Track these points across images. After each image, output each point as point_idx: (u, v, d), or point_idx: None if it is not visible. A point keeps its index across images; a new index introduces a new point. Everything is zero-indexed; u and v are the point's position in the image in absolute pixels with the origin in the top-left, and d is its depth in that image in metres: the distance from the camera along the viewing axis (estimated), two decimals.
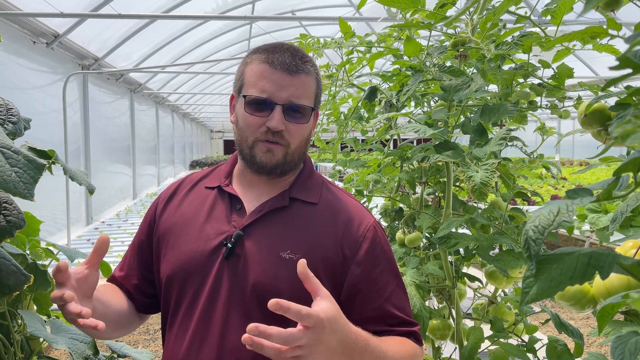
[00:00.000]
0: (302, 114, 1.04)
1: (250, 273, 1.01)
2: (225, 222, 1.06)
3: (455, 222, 1.38)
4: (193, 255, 1.05)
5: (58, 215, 6.00)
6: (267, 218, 1.06)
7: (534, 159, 1.77)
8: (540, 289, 0.48)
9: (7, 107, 1.29)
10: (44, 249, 1.36)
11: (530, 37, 1.34)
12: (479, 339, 1.39)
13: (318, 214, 1.08)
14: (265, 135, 1.02)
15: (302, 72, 1.03)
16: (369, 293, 1.05)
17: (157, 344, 4.00)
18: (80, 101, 7.34)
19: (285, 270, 1.01)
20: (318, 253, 1.03)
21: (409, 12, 1.67)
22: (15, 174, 1.05)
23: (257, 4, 8.52)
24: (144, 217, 1.20)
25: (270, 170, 1.05)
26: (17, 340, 1.19)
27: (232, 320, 1.00)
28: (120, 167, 9.82)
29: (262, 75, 1.02)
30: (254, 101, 1.02)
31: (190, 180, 1.19)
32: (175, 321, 1.06)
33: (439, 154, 1.23)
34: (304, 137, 1.07)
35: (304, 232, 1.05)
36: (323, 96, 1.11)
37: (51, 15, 5.00)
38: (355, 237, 1.06)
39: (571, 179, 10.11)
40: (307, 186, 1.12)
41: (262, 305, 0.98)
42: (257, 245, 1.03)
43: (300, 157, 1.09)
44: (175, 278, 1.05)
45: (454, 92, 1.38)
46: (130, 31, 7.16)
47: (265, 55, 1.04)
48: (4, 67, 5.07)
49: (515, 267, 1.33)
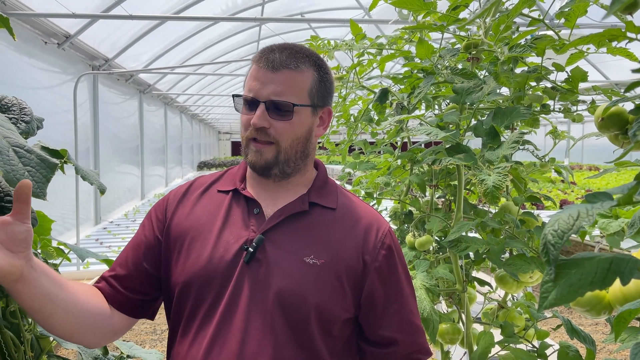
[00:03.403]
0: (285, 110, 1.02)
1: (273, 278, 0.99)
2: (244, 227, 1.04)
3: (466, 226, 1.37)
4: (212, 260, 1.02)
5: (67, 214, 6.03)
6: (287, 222, 1.04)
7: (546, 162, 1.76)
8: (559, 294, 0.48)
9: (20, 107, 1.29)
10: (55, 248, 1.37)
11: (544, 40, 1.33)
12: (490, 343, 1.38)
13: (337, 220, 1.07)
14: (253, 133, 1.02)
15: (286, 68, 1.01)
16: (388, 299, 1.06)
17: (163, 344, 4.01)
18: (90, 101, 7.39)
19: (309, 275, 1.00)
20: (341, 260, 1.03)
21: (420, 14, 1.67)
22: (28, 173, 1.05)
23: (266, 6, 8.54)
24: (146, 219, 1.15)
25: (262, 171, 1.04)
26: (27, 339, 1.19)
27: (252, 326, 0.98)
28: (129, 168, 9.87)
29: (252, 75, 1.03)
30: (242, 101, 1.04)
31: (200, 183, 1.16)
32: (191, 328, 1.03)
33: (451, 157, 1.22)
34: (296, 134, 1.04)
35: (325, 237, 1.04)
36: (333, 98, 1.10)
37: (63, 16, 5.04)
38: (374, 244, 1.06)
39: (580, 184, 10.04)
40: (324, 191, 1.11)
41: (286, 310, 0.98)
42: (279, 250, 1.01)
43: (300, 157, 1.06)
44: (193, 284, 1.02)
45: (466, 95, 1.37)
46: (140, 32, 7.20)
47: (258, 55, 1.05)
48: (15, 67, 5.11)
49: (526, 272, 1.32)
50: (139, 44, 7.50)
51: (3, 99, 1.27)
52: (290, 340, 0.98)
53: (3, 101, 1.27)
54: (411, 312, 1.09)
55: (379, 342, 1.07)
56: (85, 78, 6.89)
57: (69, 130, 5.67)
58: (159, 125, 12.53)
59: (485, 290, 1.72)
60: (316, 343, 1.00)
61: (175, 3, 6.97)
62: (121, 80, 8.88)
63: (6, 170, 1.00)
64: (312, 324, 0.99)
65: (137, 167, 10.41)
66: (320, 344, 1.00)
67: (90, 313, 1.01)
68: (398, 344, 1.06)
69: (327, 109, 1.11)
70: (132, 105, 9.95)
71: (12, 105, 1.28)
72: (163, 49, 8.47)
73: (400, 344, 1.07)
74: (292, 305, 0.98)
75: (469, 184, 1.82)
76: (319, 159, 1.17)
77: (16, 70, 5.13)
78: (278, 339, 0.97)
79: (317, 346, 1.00)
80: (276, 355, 0.97)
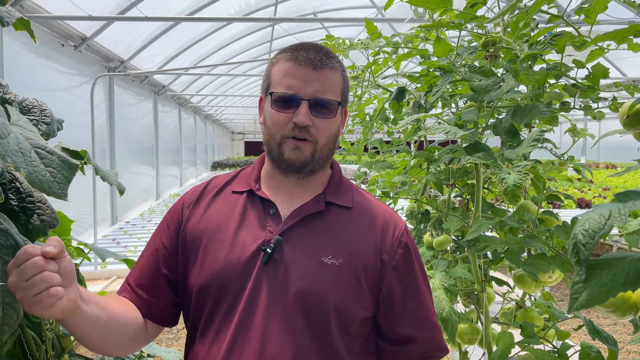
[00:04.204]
0: (328, 108, 1.03)
1: (292, 278, 0.99)
2: (260, 228, 1.04)
3: (485, 225, 1.35)
4: (230, 262, 1.02)
5: (84, 215, 6.10)
6: (304, 223, 1.04)
7: (564, 161, 1.74)
8: (590, 295, 0.47)
9: (41, 108, 1.31)
10: (76, 248, 1.38)
11: (564, 37, 1.31)
12: (510, 344, 1.36)
13: (354, 219, 1.07)
14: (292, 132, 1.01)
15: (327, 67, 1.03)
16: (405, 296, 1.06)
17: (180, 343, 4.04)
18: (106, 103, 7.46)
19: (328, 276, 1.00)
20: (359, 259, 1.03)
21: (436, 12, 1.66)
22: (50, 174, 1.06)
23: (279, 6, 8.55)
24: (163, 221, 1.15)
25: (298, 168, 1.04)
26: (48, 338, 1.20)
27: (272, 327, 0.98)
28: (144, 168, 9.95)
29: (288, 72, 1.02)
30: (280, 98, 1.02)
31: (215, 184, 1.16)
32: (210, 329, 1.03)
33: (470, 156, 1.21)
34: (331, 133, 1.05)
35: (342, 237, 1.04)
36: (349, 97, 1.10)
37: (80, 18, 5.09)
38: (391, 242, 1.06)
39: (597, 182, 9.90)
40: (340, 190, 1.11)
41: (305, 310, 0.98)
42: (297, 250, 1.02)
43: (328, 155, 1.08)
44: (211, 286, 1.02)
45: (485, 93, 1.36)
46: (154, 33, 7.25)
47: (290, 53, 1.04)
48: (33, 69, 5.18)
49: (547, 271, 1.30)
50: (154, 46, 7.56)
51: (24, 101, 1.29)
52: (310, 341, 0.98)
53: (24, 103, 1.28)
54: (428, 309, 1.10)
55: (397, 339, 1.07)
56: (101, 80, 6.96)
57: (86, 132, 5.73)
58: (173, 126, 12.62)
59: (504, 290, 1.70)
60: (335, 342, 1.00)
61: (190, 4, 7.01)
62: (136, 81, 8.95)
63: (28, 171, 1.01)
64: (332, 324, 0.99)
65: (152, 167, 10.49)
66: (340, 343, 1.00)
67: (129, 327, 1.04)
68: (416, 341, 1.07)
69: (345, 109, 1.12)
70: (147, 106, 10.03)
71: (32, 107, 1.30)
72: (177, 50, 8.53)
73: (418, 341, 1.07)
74: (313, 306, 0.99)
75: (486, 182, 1.81)
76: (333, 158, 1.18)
77: (34, 73, 5.20)
78: (298, 339, 0.98)
79: (336, 345, 1.00)
80: (296, 355, 0.97)
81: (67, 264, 0.82)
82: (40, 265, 0.77)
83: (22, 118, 1.16)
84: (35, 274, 0.76)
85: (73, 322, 0.88)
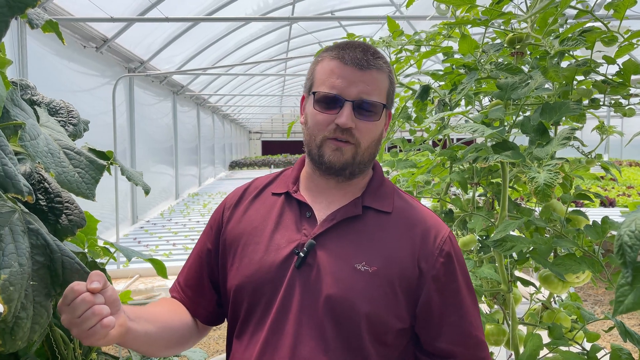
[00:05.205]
0: (373, 111, 0.99)
1: (323, 284, 0.97)
2: (295, 231, 1.03)
3: (512, 225, 1.33)
4: (264, 264, 1.01)
5: (105, 214, 6.18)
6: (339, 227, 1.01)
7: (592, 159, 1.70)
8: (637, 298, 0.45)
9: (67, 110, 1.32)
10: (102, 248, 1.39)
11: (593, 33, 1.29)
12: (538, 346, 1.34)
13: (392, 224, 1.02)
14: (334, 133, 0.98)
15: (374, 67, 0.99)
16: (446, 309, 1.00)
17: (203, 343, 4.06)
18: (127, 103, 7.55)
19: (360, 283, 0.96)
20: (395, 266, 0.98)
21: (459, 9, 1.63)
22: (78, 175, 1.07)
23: (297, 5, 8.56)
24: (208, 222, 1.17)
25: (338, 171, 1.01)
26: None
27: (303, 332, 0.96)
28: (164, 168, 10.05)
29: (332, 71, 0.99)
30: (323, 98, 0.99)
31: (256, 185, 1.15)
32: (246, 331, 1.03)
33: (498, 155, 1.19)
34: (374, 136, 1.02)
35: (379, 243, 1.00)
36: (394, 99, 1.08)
37: (102, 20, 5.16)
38: (431, 250, 1.00)
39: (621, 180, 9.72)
40: (379, 194, 1.06)
41: (336, 318, 0.95)
42: (331, 255, 0.99)
43: (370, 159, 1.04)
44: (246, 288, 1.02)
45: (511, 90, 1.34)
46: (173, 34, 7.31)
47: (336, 52, 1.00)
48: (57, 71, 5.27)
49: (577, 272, 1.27)
50: (173, 46, 7.63)
51: (51, 102, 1.30)
52: (342, 349, 0.95)
53: (52, 104, 1.30)
54: (472, 324, 1.02)
55: (436, 354, 1.01)
56: (121, 80, 7.04)
57: (107, 132, 5.81)
58: (192, 126, 12.71)
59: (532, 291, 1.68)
60: (369, 352, 0.96)
61: (208, 4, 7.05)
62: (155, 81, 9.04)
63: (58, 172, 1.02)
64: (363, 333, 0.95)
65: (172, 167, 10.58)
66: (373, 353, 0.97)
67: (178, 331, 1.08)
68: (456, 357, 1.01)
69: (390, 111, 1.08)
70: (166, 106, 10.12)
71: (60, 109, 1.31)
72: (196, 51, 8.59)
73: (458, 357, 1.01)
74: (342, 313, 0.96)
75: (511, 181, 1.78)
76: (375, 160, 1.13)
77: (57, 74, 5.29)
78: (329, 346, 0.95)
79: (369, 355, 0.96)
80: None
81: (111, 293, 0.85)
82: (90, 300, 0.81)
83: (51, 119, 1.18)
84: (87, 309, 0.80)
85: (127, 342, 0.93)
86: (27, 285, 0.81)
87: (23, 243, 0.83)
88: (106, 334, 0.82)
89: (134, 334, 0.92)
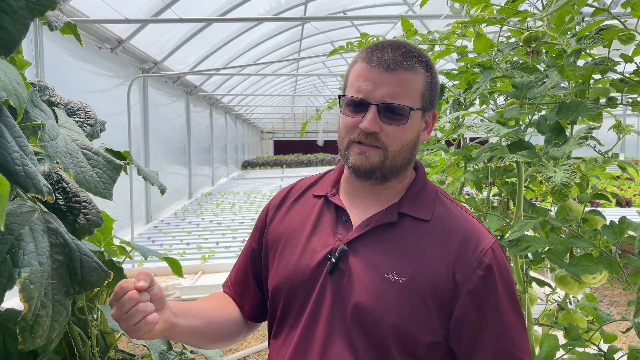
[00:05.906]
0: (399, 114, 0.95)
1: (352, 291, 0.95)
2: (331, 235, 1.01)
3: (528, 225, 1.32)
4: (299, 267, 1.01)
5: (120, 213, 6.24)
6: (373, 234, 0.98)
7: (609, 158, 1.68)
8: None
9: (85, 110, 1.34)
10: (119, 247, 1.41)
11: (610, 31, 1.27)
12: (554, 347, 1.33)
13: (429, 233, 0.98)
14: (359, 137, 0.96)
15: (402, 68, 0.94)
16: (481, 325, 0.94)
17: None
18: (141, 103, 7.62)
19: (389, 293, 0.93)
20: (426, 277, 0.93)
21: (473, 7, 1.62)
22: (96, 174, 1.08)
23: (309, 5, 8.57)
24: (255, 222, 1.19)
25: (365, 174, 0.98)
26: (94, 334, 1.23)
27: (333, 338, 0.95)
28: (177, 168, 10.12)
29: (360, 74, 0.96)
30: (350, 102, 0.97)
31: (299, 187, 1.15)
32: (282, 331, 1.04)
33: (514, 154, 1.18)
34: (406, 140, 0.97)
35: (412, 252, 0.96)
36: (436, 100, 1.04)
37: (117, 22, 5.21)
38: (469, 261, 0.94)
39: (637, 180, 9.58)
40: (418, 200, 1.02)
41: (363, 326, 0.94)
42: (362, 262, 0.96)
43: (404, 163, 0.99)
44: (282, 290, 1.03)
45: (527, 90, 1.33)
46: (187, 35, 7.37)
47: (365, 53, 0.98)
48: (72, 72, 5.33)
49: (594, 272, 1.26)
50: (186, 47, 7.68)
51: (69, 103, 1.32)
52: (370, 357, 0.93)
53: (69, 105, 1.31)
54: (513, 342, 0.94)
55: None
56: (136, 81, 7.11)
57: (122, 132, 5.86)
58: (205, 126, 12.79)
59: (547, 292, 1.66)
60: None
61: (221, 5, 7.09)
62: (169, 82, 9.11)
63: (76, 172, 1.03)
64: (391, 345, 0.93)
65: (185, 166, 10.65)
66: None
67: (226, 325, 1.12)
68: None
69: (432, 112, 1.04)
70: (180, 107, 10.19)
71: (77, 109, 1.33)
72: (209, 51, 8.64)
73: None
74: (369, 323, 0.94)
75: (526, 180, 1.77)
76: (418, 160, 1.09)
77: (73, 75, 5.35)
78: (358, 353, 0.94)
79: None
80: None
81: (157, 291, 0.90)
82: (135, 298, 0.86)
83: (69, 120, 1.19)
84: (133, 306, 0.86)
85: (173, 335, 0.97)
86: (47, 283, 0.82)
87: (43, 242, 0.84)
88: (150, 329, 0.86)
89: (179, 328, 0.96)
